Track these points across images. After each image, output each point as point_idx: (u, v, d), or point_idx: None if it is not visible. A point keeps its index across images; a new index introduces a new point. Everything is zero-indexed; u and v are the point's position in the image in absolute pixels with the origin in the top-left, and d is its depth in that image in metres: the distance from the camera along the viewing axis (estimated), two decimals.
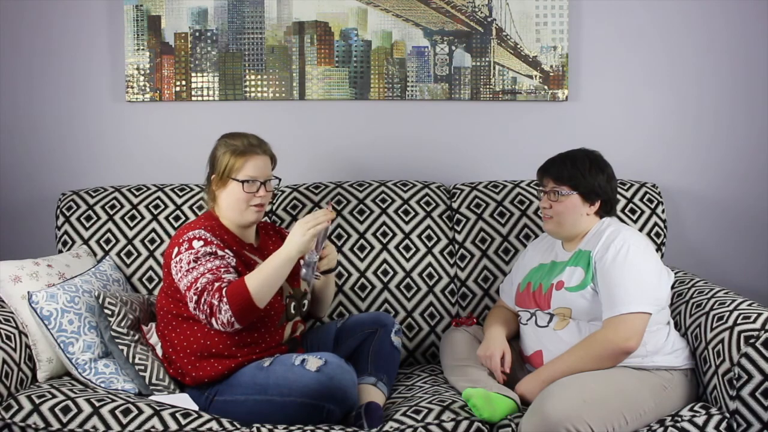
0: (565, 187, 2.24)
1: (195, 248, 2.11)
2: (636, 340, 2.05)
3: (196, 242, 2.13)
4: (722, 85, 2.94)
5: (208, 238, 2.14)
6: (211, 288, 2.04)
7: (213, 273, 2.07)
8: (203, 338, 2.13)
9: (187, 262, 2.10)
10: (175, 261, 2.13)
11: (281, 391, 1.99)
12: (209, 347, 2.13)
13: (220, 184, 2.23)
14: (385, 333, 2.31)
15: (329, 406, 1.98)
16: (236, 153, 2.21)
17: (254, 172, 2.21)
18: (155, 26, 2.86)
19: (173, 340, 2.18)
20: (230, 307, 2.01)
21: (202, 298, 2.04)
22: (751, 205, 2.97)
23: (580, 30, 2.92)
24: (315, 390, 1.96)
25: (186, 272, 2.09)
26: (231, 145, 2.23)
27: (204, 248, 2.11)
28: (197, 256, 2.10)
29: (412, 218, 2.70)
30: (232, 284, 2.04)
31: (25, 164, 2.89)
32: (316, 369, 1.97)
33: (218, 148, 2.27)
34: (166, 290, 2.22)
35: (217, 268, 2.08)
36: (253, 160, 2.21)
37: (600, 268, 2.13)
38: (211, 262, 2.09)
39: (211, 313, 2.03)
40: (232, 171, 2.20)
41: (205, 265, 2.09)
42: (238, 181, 2.20)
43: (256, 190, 2.20)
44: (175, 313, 2.18)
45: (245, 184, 2.19)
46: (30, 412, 1.97)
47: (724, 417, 1.99)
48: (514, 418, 2.01)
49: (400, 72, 2.91)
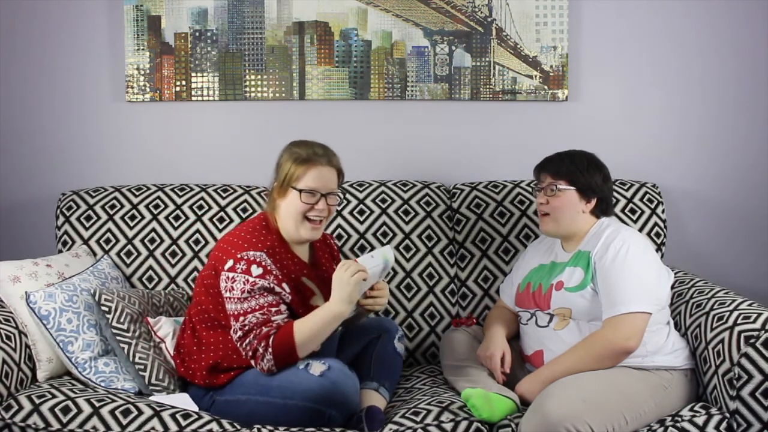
0: (562, 182, 2.24)
1: (252, 276, 2.02)
2: (636, 340, 2.05)
3: (255, 268, 2.02)
4: (722, 84, 2.94)
5: (268, 266, 2.04)
6: (258, 332, 1.99)
7: (263, 313, 2.01)
8: (232, 351, 2.10)
9: (240, 290, 2.01)
10: (226, 275, 2.04)
11: (284, 394, 1.99)
12: (233, 361, 2.10)
13: (280, 193, 2.14)
14: (388, 339, 2.30)
15: (331, 412, 1.97)
16: (299, 161, 2.12)
17: (315, 182, 2.11)
18: (155, 26, 2.86)
19: (203, 338, 2.15)
20: (273, 358, 1.98)
21: (247, 339, 2.01)
22: (752, 205, 2.97)
23: (580, 30, 2.92)
24: (317, 395, 1.95)
25: (236, 299, 2.02)
26: (295, 153, 2.14)
27: (261, 280, 2.02)
28: (252, 288, 2.01)
29: (412, 218, 2.70)
30: (280, 333, 1.99)
31: (25, 164, 2.89)
32: (320, 374, 1.96)
33: (283, 154, 2.18)
34: (210, 288, 2.13)
35: (269, 306, 2.02)
36: (316, 170, 2.11)
37: (600, 268, 2.13)
38: (265, 298, 2.02)
39: (253, 357, 2.01)
40: (293, 179, 2.11)
41: (257, 300, 2.01)
42: (297, 190, 2.10)
43: (315, 201, 2.10)
44: (212, 315, 2.14)
45: (303, 194, 2.09)
46: (30, 412, 1.96)
47: (724, 417, 1.99)
48: (514, 418, 2.01)
49: (400, 72, 2.91)
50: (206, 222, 2.65)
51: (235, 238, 2.12)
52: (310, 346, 2.01)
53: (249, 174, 2.83)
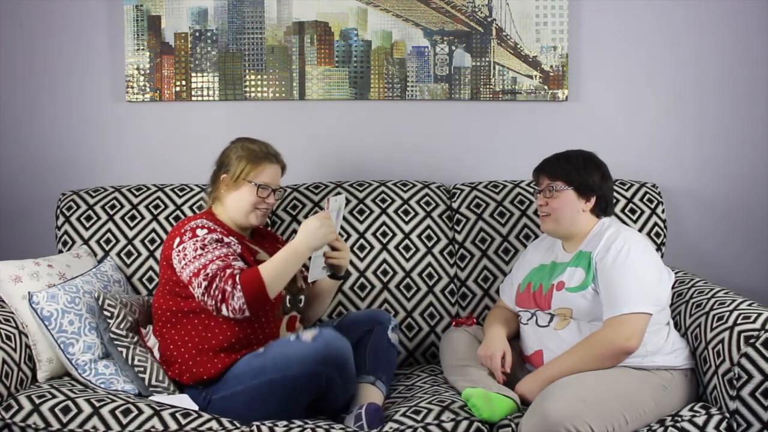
0: (559, 182, 2.25)
1: (200, 236, 2.14)
2: (636, 341, 2.05)
3: (200, 230, 2.15)
4: (722, 84, 2.94)
5: (211, 227, 2.17)
6: (223, 274, 2.06)
7: (222, 260, 2.09)
8: (204, 331, 2.14)
9: (194, 249, 2.11)
10: (177, 250, 2.15)
11: (279, 367, 2.01)
12: (209, 340, 2.13)
13: (231, 186, 2.26)
14: (381, 330, 2.32)
15: (328, 370, 2.00)
16: (255, 157, 2.27)
17: (269, 179, 2.28)
18: (155, 26, 2.86)
19: (173, 337, 2.18)
20: (243, 294, 2.03)
21: (213, 284, 2.05)
22: (752, 205, 2.97)
23: (580, 30, 2.92)
24: (313, 358, 1.99)
25: (192, 259, 2.10)
26: (249, 149, 2.28)
27: (210, 235, 2.14)
28: (204, 243, 2.12)
29: (412, 218, 2.70)
30: (246, 272, 2.07)
31: (25, 164, 2.89)
32: (312, 339, 2.01)
33: (233, 149, 2.31)
34: (164, 287, 2.23)
35: (225, 255, 2.11)
36: (271, 168, 2.29)
37: (601, 269, 2.13)
38: (219, 250, 2.12)
39: (223, 299, 2.05)
40: (249, 174, 2.25)
41: (212, 252, 2.11)
42: (253, 184, 2.24)
43: (267, 195, 2.26)
44: (174, 309, 2.19)
45: (260, 188, 2.24)
46: (30, 412, 1.96)
47: (724, 417, 1.99)
48: (514, 418, 2.01)
49: (400, 72, 2.91)
50: None
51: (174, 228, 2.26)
52: (277, 282, 2.09)
53: None
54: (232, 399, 2.07)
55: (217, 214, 2.30)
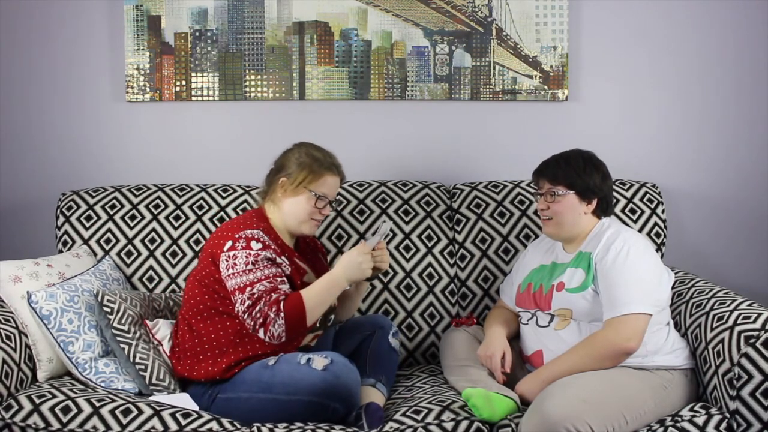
0: (561, 187, 2.24)
1: (253, 250, 2.09)
2: (636, 341, 2.05)
3: (254, 243, 2.10)
4: (722, 84, 2.94)
5: (266, 242, 2.12)
6: (269, 298, 2.04)
7: (270, 282, 2.07)
8: (234, 335, 2.12)
9: (245, 263, 2.08)
10: (227, 255, 2.10)
11: (287, 390, 1.99)
12: (236, 345, 2.11)
13: (290, 191, 2.21)
14: (382, 335, 2.32)
15: (334, 405, 1.99)
16: (319, 166, 2.21)
17: (329, 190, 2.22)
18: (155, 26, 2.86)
19: (200, 330, 2.15)
20: (285, 322, 2.02)
21: (257, 306, 2.04)
22: (752, 205, 2.97)
23: (580, 30, 2.92)
24: (321, 389, 1.97)
25: (240, 272, 2.07)
26: (313, 157, 2.22)
27: (263, 252, 2.10)
28: (256, 260, 2.08)
29: (412, 218, 2.70)
30: (290, 298, 2.05)
31: (25, 164, 2.89)
32: (323, 368, 1.98)
33: (296, 154, 2.25)
34: (203, 279, 2.17)
35: (274, 276, 2.08)
36: (332, 179, 2.24)
37: (601, 269, 2.13)
38: (269, 269, 2.09)
39: (264, 323, 2.03)
40: (311, 183, 2.19)
41: (262, 271, 2.08)
42: (313, 194, 2.19)
43: (324, 206, 2.22)
44: (209, 305, 2.15)
45: (318, 199, 2.20)
46: (30, 412, 1.96)
47: (724, 417, 1.99)
48: (514, 418, 2.01)
49: (400, 72, 2.91)
50: (206, 222, 2.65)
51: (228, 226, 2.20)
52: (317, 311, 2.10)
53: (249, 174, 2.83)
54: (238, 402, 2.06)
55: (269, 217, 2.25)
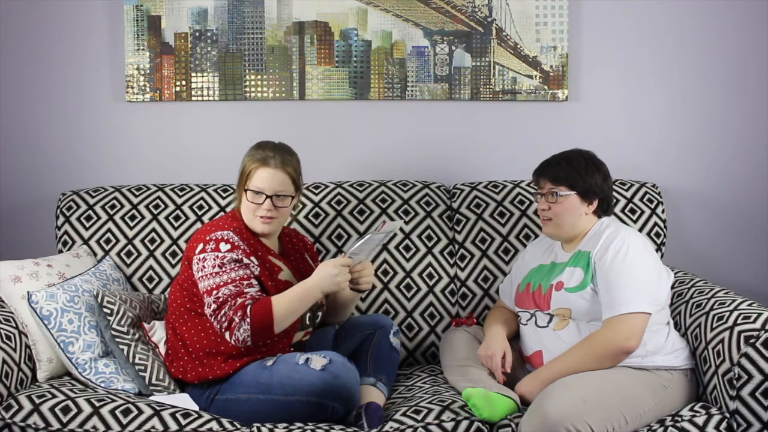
0: (562, 188, 2.24)
1: (221, 251, 2.10)
2: (636, 340, 2.05)
3: (223, 245, 2.11)
4: (722, 84, 2.94)
5: (235, 242, 2.12)
6: (234, 303, 2.04)
7: (236, 285, 2.06)
8: (214, 335, 2.13)
9: (212, 266, 2.08)
10: (197, 258, 2.12)
11: (285, 391, 2.00)
12: (218, 344, 2.12)
13: (240, 189, 2.24)
14: (383, 334, 2.31)
15: (334, 405, 1.99)
16: (251, 161, 2.21)
17: (260, 183, 2.18)
18: (155, 26, 2.86)
19: (183, 334, 2.17)
20: (250, 327, 2.02)
21: (222, 310, 2.04)
22: (751, 205, 2.97)
23: (580, 30, 2.92)
24: (320, 389, 1.97)
25: (208, 275, 2.08)
26: (250, 155, 2.24)
27: (230, 254, 2.10)
28: (222, 262, 2.09)
29: (412, 218, 2.70)
30: (257, 304, 2.04)
31: (25, 164, 2.89)
32: (321, 368, 1.98)
33: (245, 155, 2.27)
34: (182, 283, 2.20)
35: (240, 279, 2.08)
36: (264, 172, 2.18)
37: (599, 269, 2.13)
38: (236, 272, 2.08)
39: (228, 327, 2.03)
40: (247, 180, 2.20)
41: (229, 274, 2.08)
42: (246, 189, 2.20)
43: (261, 202, 2.17)
44: (188, 307, 2.18)
45: (248, 193, 2.19)
46: (30, 412, 1.96)
47: (724, 417, 1.99)
48: (514, 418, 2.01)
49: (400, 72, 2.91)
50: (206, 222, 2.64)
51: (203, 228, 2.22)
52: (286, 320, 2.08)
53: None
54: (236, 403, 2.06)
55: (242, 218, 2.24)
